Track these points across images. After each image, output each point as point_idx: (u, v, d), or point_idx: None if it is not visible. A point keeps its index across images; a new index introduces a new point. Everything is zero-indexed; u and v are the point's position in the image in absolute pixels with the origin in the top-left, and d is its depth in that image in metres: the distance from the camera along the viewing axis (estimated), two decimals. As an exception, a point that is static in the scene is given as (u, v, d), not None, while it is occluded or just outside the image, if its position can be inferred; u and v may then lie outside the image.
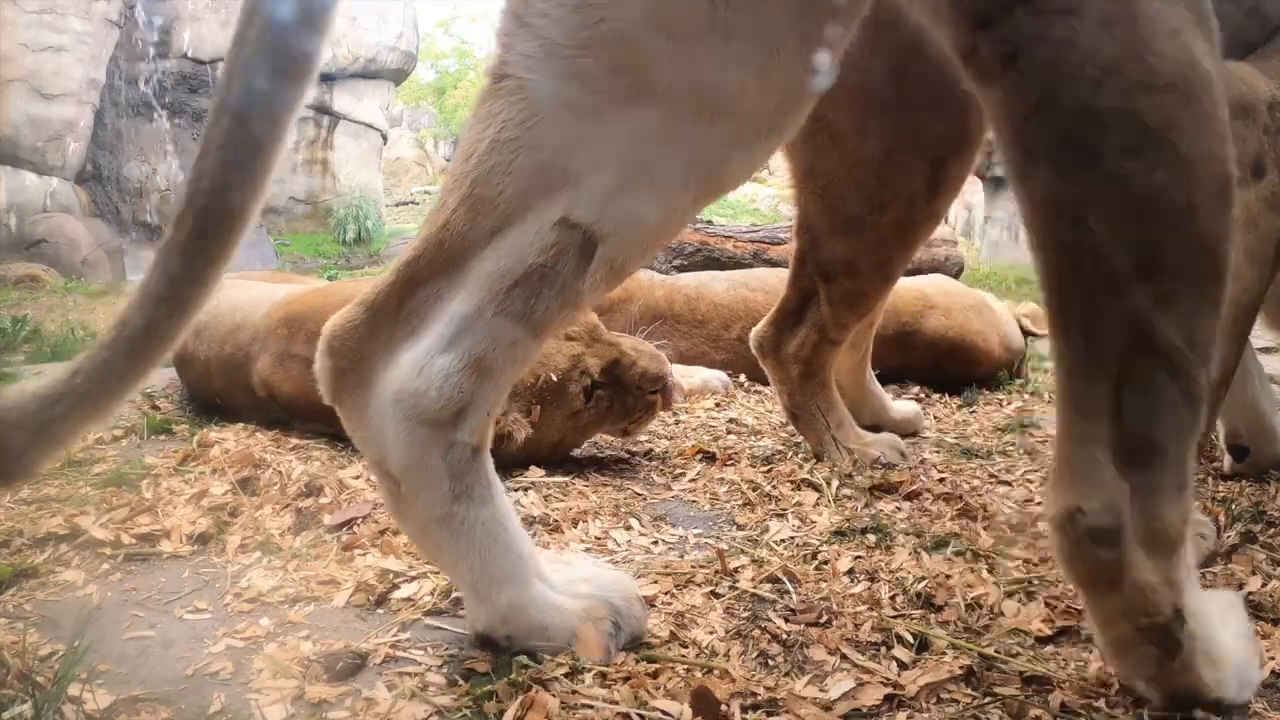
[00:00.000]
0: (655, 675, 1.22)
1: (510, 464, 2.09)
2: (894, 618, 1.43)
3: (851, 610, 1.44)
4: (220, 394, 2.68)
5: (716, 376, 3.00)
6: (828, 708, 1.16)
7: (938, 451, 2.45)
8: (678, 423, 2.64)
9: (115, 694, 1.19)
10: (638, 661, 1.26)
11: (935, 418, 2.86)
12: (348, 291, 2.45)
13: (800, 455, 2.30)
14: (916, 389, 3.27)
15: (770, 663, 1.29)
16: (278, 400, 2.41)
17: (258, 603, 1.49)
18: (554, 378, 2.12)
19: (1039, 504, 2.04)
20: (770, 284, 3.29)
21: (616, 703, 1.16)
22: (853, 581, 1.56)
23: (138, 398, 2.87)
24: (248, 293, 2.76)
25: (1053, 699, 1.19)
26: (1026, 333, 3.43)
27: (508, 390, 1.32)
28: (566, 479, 2.09)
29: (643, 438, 2.48)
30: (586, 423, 2.22)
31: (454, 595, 1.49)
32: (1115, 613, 1.13)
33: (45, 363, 3.43)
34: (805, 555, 1.69)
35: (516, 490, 1.98)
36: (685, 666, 1.25)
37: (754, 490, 2.06)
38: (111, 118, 10.41)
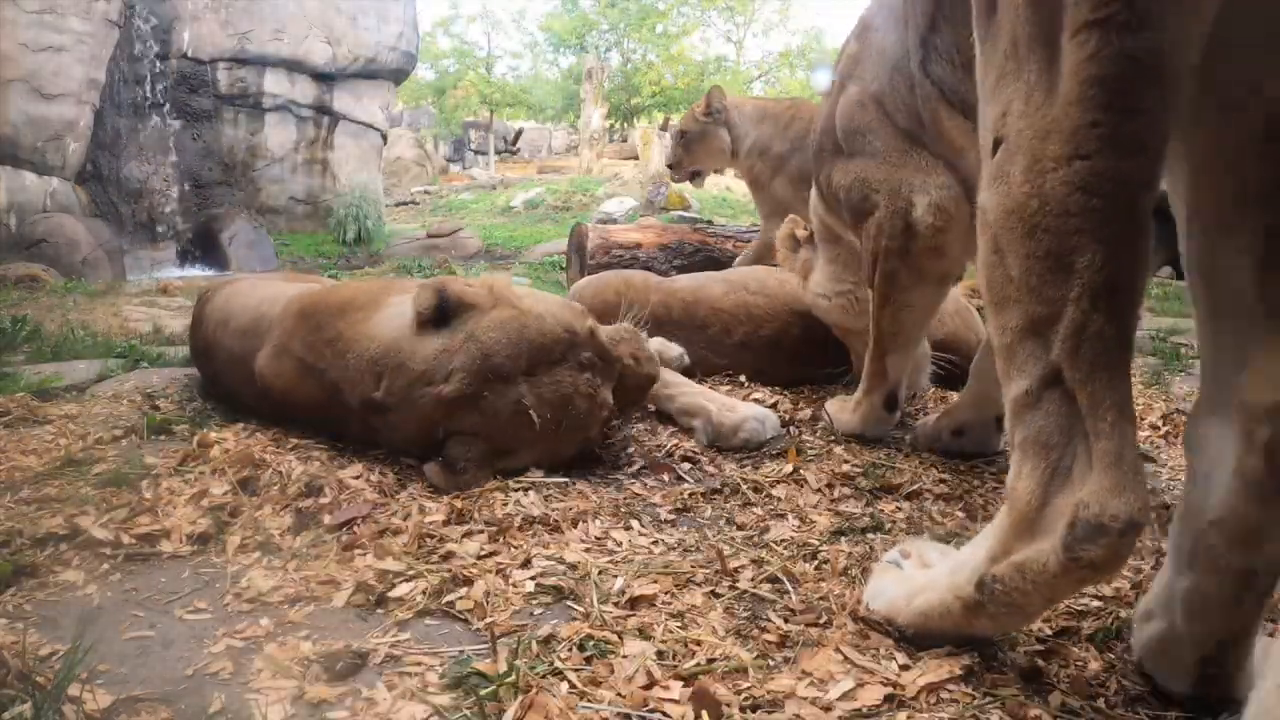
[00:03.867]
0: (655, 675, 1.22)
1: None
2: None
3: (851, 609, 1.44)
4: (234, 388, 2.69)
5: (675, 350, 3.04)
6: (828, 708, 1.16)
7: (938, 451, 2.45)
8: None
9: (115, 694, 1.19)
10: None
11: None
12: (346, 293, 2.46)
13: (801, 455, 2.30)
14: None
15: (770, 663, 1.29)
16: (270, 395, 2.42)
17: (258, 603, 1.50)
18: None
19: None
20: (769, 286, 3.25)
21: (617, 702, 1.16)
22: (853, 581, 1.56)
23: (138, 397, 2.87)
24: (271, 289, 2.78)
25: (1053, 699, 1.19)
26: None
27: None
28: (566, 479, 2.09)
29: (642, 437, 2.48)
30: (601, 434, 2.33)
31: (447, 597, 1.49)
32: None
33: (45, 363, 3.43)
34: (805, 555, 1.69)
35: (517, 490, 1.98)
36: (685, 666, 1.25)
37: (754, 490, 2.06)
38: (111, 118, 10.40)
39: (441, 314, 2.14)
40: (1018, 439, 1.14)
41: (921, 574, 1.40)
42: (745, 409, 2.48)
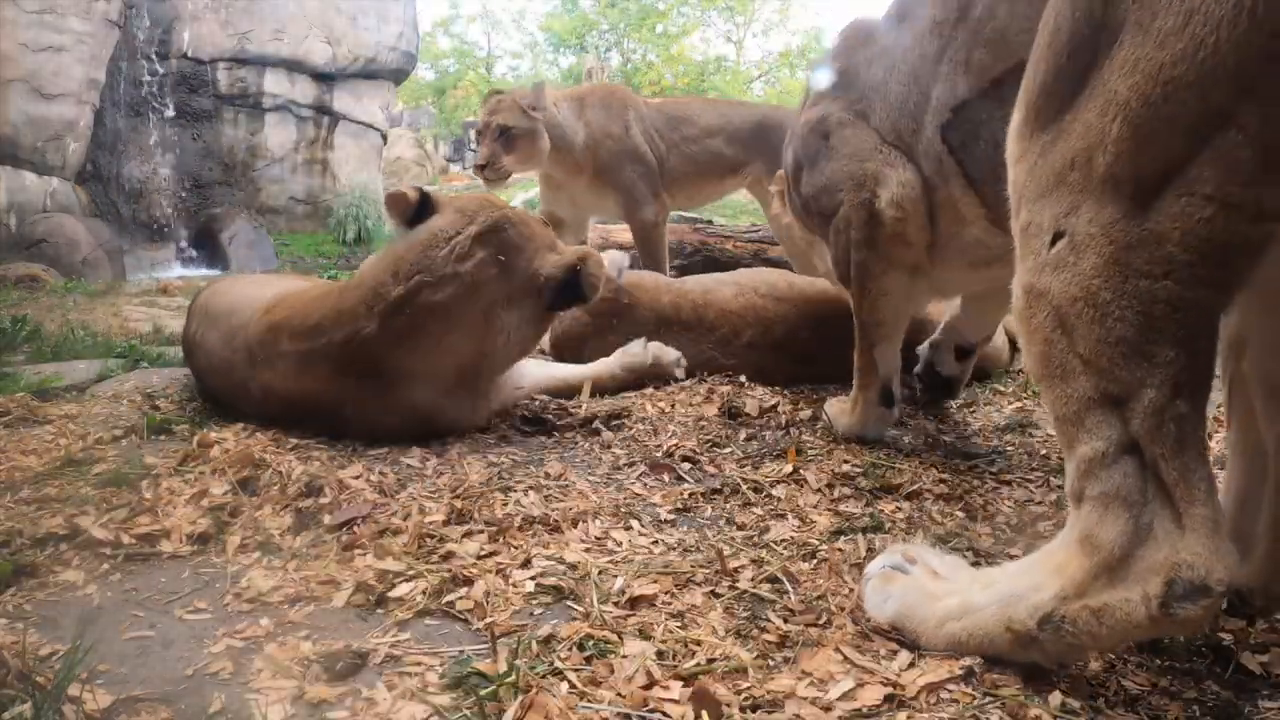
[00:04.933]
0: (655, 675, 1.22)
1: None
2: (894, 618, 1.42)
3: (851, 610, 1.44)
4: (220, 390, 2.69)
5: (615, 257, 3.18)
6: (828, 708, 1.16)
7: (938, 451, 2.45)
8: (677, 422, 2.64)
9: (115, 694, 1.19)
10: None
11: (935, 418, 2.86)
12: (315, 291, 2.54)
13: (801, 455, 2.30)
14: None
15: (770, 663, 1.29)
16: (274, 399, 2.43)
17: (258, 603, 1.50)
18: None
19: (1038, 504, 2.04)
20: (779, 288, 3.29)
21: (617, 702, 1.16)
22: (853, 581, 1.56)
23: (138, 397, 2.87)
24: (247, 289, 2.79)
25: (1053, 699, 1.19)
26: (1014, 340, 3.46)
27: None
28: (567, 480, 2.09)
29: (643, 437, 2.48)
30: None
31: (447, 597, 1.49)
32: None
33: (45, 363, 3.43)
34: (805, 555, 1.69)
35: (517, 490, 1.98)
36: (685, 666, 1.25)
37: (754, 490, 2.06)
38: (111, 118, 10.40)
39: (424, 208, 2.43)
40: (1094, 491, 1.17)
41: (947, 594, 1.36)
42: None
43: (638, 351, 3.02)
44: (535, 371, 2.96)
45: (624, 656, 1.27)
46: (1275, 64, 0.97)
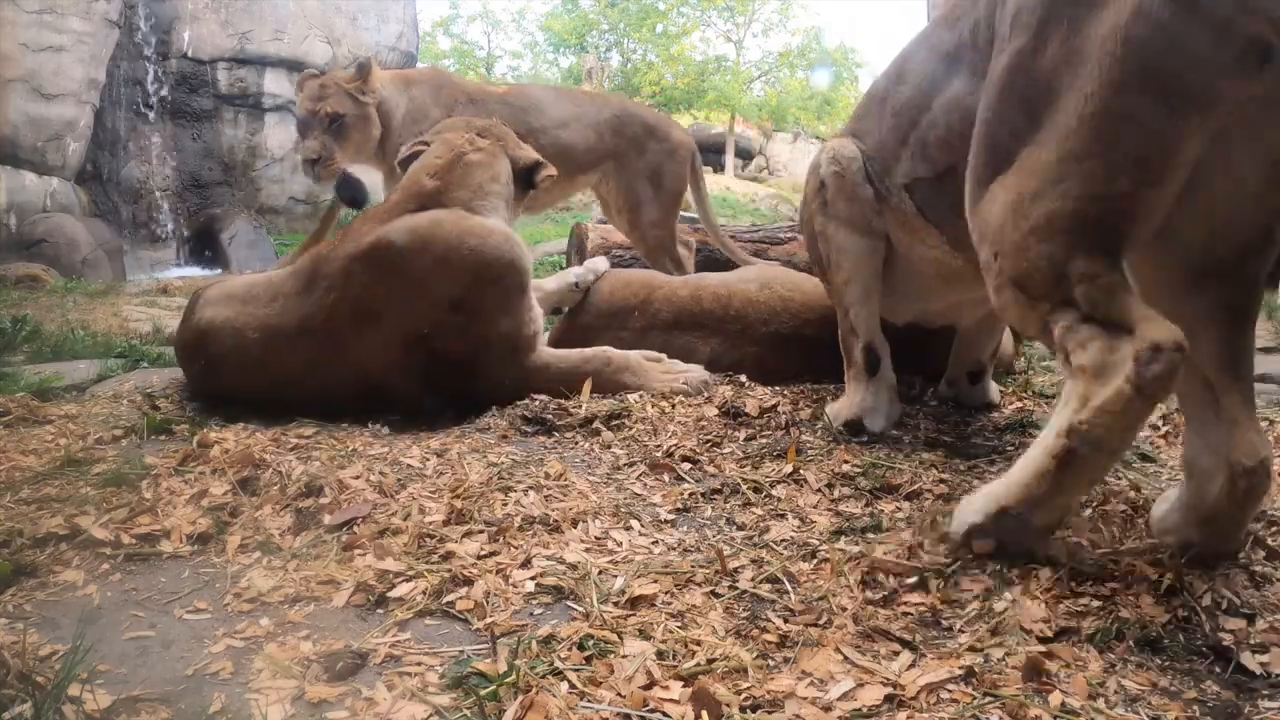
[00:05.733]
0: (655, 675, 1.22)
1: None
2: (894, 618, 1.43)
3: (852, 610, 1.44)
4: (254, 362, 2.75)
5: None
6: (828, 708, 1.16)
7: (938, 451, 2.45)
8: (677, 422, 2.64)
9: (115, 694, 1.19)
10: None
11: (935, 417, 2.86)
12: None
13: (801, 455, 2.30)
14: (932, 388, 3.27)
15: (770, 662, 1.29)
16: (353, 279, 2.75)
17: (258, 603, 1.50)
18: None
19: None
20: (804, 287, 3.30)
21: (617, 702, 1.16)
22: (853, 581, 1.55)
23: (138, 397, 2.87)
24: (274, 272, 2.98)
25: (1053, 699, 1.19)
26: (1017, 334, 3.45)
27: None
28: (567, 480, 2.09)
29: (643, 437, 2.48)
30: None
31: (447, 597, 1.49)
32: None
33: (45, 363, 3.43)
34: (805, 555, 1.69)
35: (517, 490, 1.98)
36: (685, 666, 1.25)
37: (754, 490, 2.06)
38: (111, 118, 10.40)
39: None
40: (1072, 344, 1.55)
41: (1007, 477, 1.66)
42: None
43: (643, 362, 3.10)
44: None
45: (624, 656, 1.27)
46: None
